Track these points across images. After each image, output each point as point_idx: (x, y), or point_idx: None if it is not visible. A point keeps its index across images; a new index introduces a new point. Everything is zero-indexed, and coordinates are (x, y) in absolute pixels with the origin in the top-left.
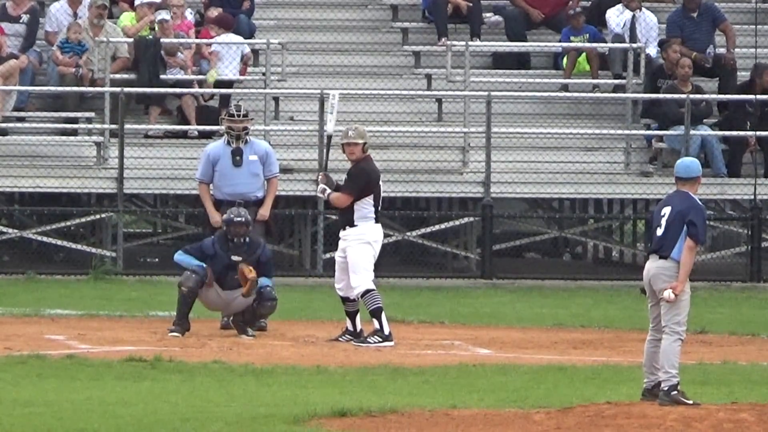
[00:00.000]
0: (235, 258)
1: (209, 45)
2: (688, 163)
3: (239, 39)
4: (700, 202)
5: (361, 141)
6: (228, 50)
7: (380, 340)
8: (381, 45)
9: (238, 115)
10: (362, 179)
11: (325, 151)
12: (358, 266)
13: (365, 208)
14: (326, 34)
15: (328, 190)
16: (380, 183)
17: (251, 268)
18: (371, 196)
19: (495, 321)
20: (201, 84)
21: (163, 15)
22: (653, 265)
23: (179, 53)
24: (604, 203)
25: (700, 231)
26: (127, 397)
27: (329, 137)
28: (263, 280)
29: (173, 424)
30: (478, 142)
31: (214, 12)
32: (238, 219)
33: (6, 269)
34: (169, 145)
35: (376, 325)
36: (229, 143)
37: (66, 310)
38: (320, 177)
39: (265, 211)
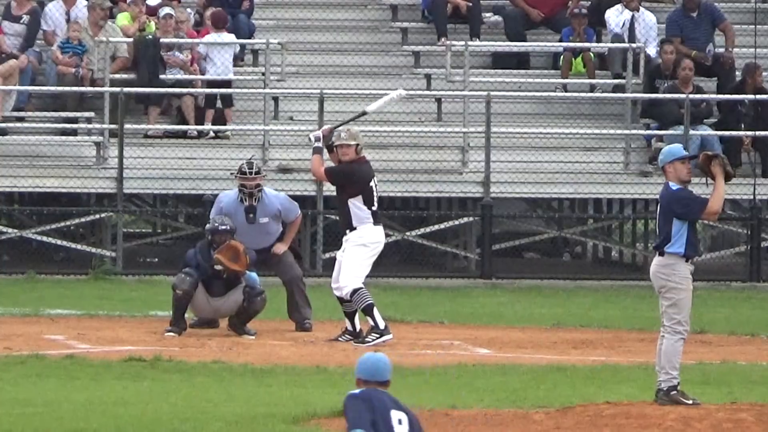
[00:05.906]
0: (218, 267)
1: (198, 45)
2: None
3: (232, 38)
4: (675, 187)
5: (353, 142)
6: (220, 50)
7: (378, 335)
8: (381, 45)
9: (250, 173)
10: (343, 173)
11: (350, 118)
12: (348, 266)
13: (360, 211)
14: (326, 34)
15: (320, 144)
16: (373, 185)
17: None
18: (360, 198)
19: (494, 321)
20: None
21: (167, 10)
22: (653, 263)
23: (177, 53)
24: (604, 203)
25: (691, 211)
26: (126, 396)
27: (364, 112)
28: (251, 276)
29: (173, 424)
30: (478, 142)
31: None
32: (223, 227)
33: (6, 269)
34: (168, 145)
35: (371, 322)
36: (242, 201)
37: (66, 310)
38: (325, 128)
39: (280, 247)
